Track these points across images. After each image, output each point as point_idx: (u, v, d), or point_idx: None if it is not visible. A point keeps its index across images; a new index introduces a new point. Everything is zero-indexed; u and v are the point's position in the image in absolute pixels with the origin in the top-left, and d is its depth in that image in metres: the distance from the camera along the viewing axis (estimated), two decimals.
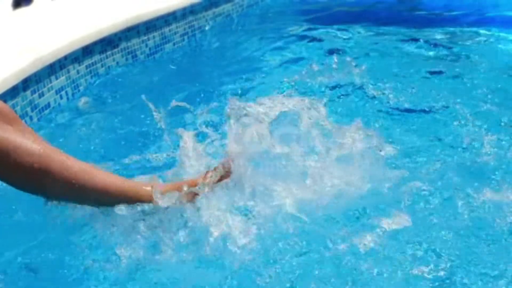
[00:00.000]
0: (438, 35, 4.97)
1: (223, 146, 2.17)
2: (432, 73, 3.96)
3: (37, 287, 1.94)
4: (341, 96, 3.44)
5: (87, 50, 3.95)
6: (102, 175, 1.98)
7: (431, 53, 4.47)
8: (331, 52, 4.49)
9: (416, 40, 4.72)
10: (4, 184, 1.97)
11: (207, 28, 5.42)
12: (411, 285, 1.82)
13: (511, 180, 2.23)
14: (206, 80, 4.01)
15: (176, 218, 1.96)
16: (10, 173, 1.92)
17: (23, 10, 4.54)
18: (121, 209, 1.96)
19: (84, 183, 1.94)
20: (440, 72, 3.96)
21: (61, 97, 3.63)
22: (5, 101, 2.31)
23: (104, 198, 1.97)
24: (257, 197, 2.01)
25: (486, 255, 1.91)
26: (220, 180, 2.02)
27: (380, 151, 2.19)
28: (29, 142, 1.91)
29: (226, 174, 2.02)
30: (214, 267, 1.88)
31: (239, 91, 3.70)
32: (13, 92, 3.14)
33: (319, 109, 2.11)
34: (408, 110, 3.23)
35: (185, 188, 1.98)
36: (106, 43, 4.16)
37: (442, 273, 1.85)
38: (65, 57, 3.70)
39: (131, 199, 1.98)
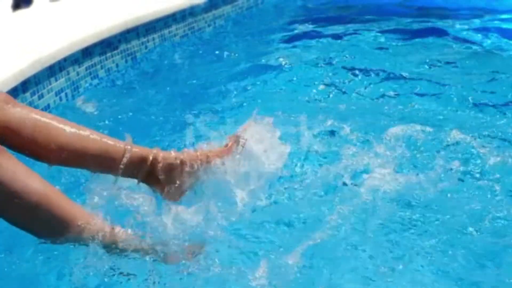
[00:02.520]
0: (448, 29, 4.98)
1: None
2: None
3: None
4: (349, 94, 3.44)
5: (87, 52, 3.95)
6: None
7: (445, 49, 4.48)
8: (333, 53, 4.49)
9: (424, 36, 4.73)
10: None
11: (207, 30, 5.42)
12: None
13: None
14: (206, 82, 4.00)
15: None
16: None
17: (22, 11, 4.53)
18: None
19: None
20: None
21: (60, 99, 3.63)
22: None
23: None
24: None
25: None
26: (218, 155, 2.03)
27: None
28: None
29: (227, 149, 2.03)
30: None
31: (240, 92, 3.70)
32: (12, 94, 3.10)
33: None
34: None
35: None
36: (106, 45, 4.15)
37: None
38: (65, 59, 3.69)
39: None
